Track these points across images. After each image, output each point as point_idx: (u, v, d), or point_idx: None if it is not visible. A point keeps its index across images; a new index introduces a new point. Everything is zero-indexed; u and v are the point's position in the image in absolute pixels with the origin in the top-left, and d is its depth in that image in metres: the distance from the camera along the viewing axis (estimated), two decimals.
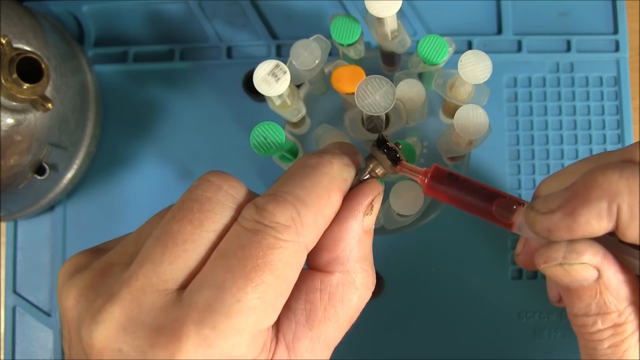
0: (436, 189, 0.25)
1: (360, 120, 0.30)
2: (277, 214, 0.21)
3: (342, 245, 0.23)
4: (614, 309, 0.23)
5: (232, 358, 0.20)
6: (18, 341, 0.42)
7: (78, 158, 0.41)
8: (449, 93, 0.31)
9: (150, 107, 0.43)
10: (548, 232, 0.23)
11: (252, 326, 0.20)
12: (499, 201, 0.24)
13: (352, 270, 0.23)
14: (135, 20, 0.44)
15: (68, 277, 0.23)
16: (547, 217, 0.22)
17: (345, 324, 0.23)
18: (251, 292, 0.20)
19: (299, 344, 0.22)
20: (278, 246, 0.21)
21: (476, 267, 0.41)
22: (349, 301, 0.23)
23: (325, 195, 0.22)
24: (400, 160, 0.24)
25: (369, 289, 0.23)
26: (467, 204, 0.25)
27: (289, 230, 0.21)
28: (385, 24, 0.31)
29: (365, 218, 0.23)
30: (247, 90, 0.42)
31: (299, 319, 0.23)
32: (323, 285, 0.23)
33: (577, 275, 0.23)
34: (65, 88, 0.38)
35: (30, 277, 0.43)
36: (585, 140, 0.41)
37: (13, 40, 0.34)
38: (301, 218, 0.21)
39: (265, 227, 0.21)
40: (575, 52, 0.42)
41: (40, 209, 0.42)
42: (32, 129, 0.35)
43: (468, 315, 0.40)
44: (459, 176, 0.25)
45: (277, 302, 0.21)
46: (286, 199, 0.21)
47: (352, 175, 0.24)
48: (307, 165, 0.23)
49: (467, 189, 0.24)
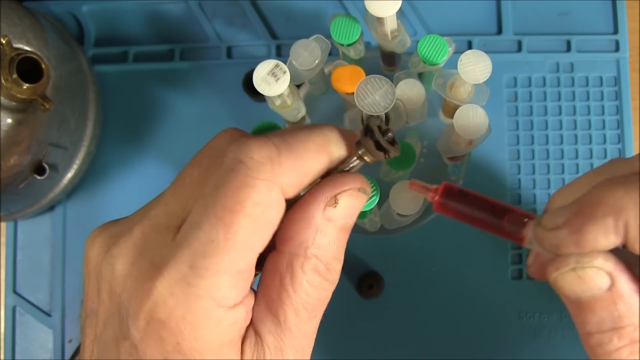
0: (447, 206, 0.25)
1: (360, 120, 0.30)
2: (255, 149, 0.21)
3: (296, 227, 0.22)
4: (628, 322, 0.22)
5: (213, 298, 0.20)
6: (18, 341, 0.42)
7: (78, 158, 0.41)
8: (449, 93, 0.31)
9: (150, 107, 0.43)
10: (556, 248, 0.22)
11: (229, 266, 0.20)
12: (510, 216, 0.24)
13: (301, 254, 0.22)
14: (135, 20, 0.44)
15: (94, 236, 0.24)
16: (554, 233, 0.22)
17: (301, 308, 0.22)
18: (222, 231, 0.20)
19: (261, 327, 0.22)
20: (249, 184, 0.20)
21: (476, 267, 0.41)
22: (299, 285, 0.22)
23: (314, 149, 0.22)
24: (388, 151, 0.23)
25: (325, 278, 0.23)
26: (478, 220, 0.24)
27: (263, 168, 0.21)
28: (385, 24, 0.31)
29: (329, 208, 0.22)
30: (247, 90, 0.42)
31: (260, 301, 0.23)
32: (273, 265, 0.23)
33: (589, 282, 0.22)
34: (65, 88, 0.38)
35: (30, 277, 0.43)
36: (585, 140, 0.41)
37: (13, 40, 0.34)
38: (280, 158, 0.21)
39: (240, 164, 0.21)
40: (575, 52, 0.42)
41: (40, 209, 0.42)
42: (32, 129, 0.35)
43: (468, 315, 0.40)
44: (469, 192, 0.25)
45: (252, 242, 0.21)
46: (269, 138, 0.21)
47: (342, 154, 0.23)
48: (310, 125, 0.23)
49: (477, 205, 0.24)
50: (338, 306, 0.41)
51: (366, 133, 0.23)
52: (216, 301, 0.21)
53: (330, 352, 0.40)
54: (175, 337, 0.21)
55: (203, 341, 0.21)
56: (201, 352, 0.21)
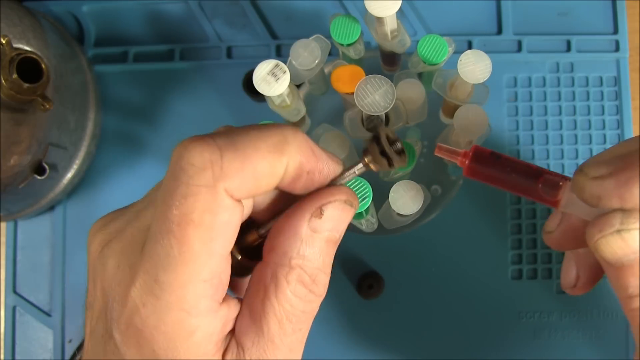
0: (479, 171, 0.24)
1: (360, 120, 0.30)
2: (195, 155, 0.20)
3: (281, 237, 0.22)
4: None
5: (183, 310, 0.20)
6: (18, 341, 0.42)
7: (78, 158, 0.41)
8: (449, 93, 0.31)
9: (150, 107, 0.43)
10: (597, 200, 0.22)
11: (192, 278, 0.20)
12: (544, 178, 0.23)
13: (285, 264, 0.21)
14: (135, 20, 0.44)
15: (95, 230, 0.24)
16: (598, 183, 0.21)
17: (284, 320, 0.22)
18: (176, 245, 0.20)
19: (244, 338, 0.22)
20: (190, 193, 0.20)
21: (476, 267, 0.41)
22: (283, 295, 0.21)
23: (265, 149, 0.21)
24: (392, 160, 0.23)
25: (310, 290, 0.22)
26: (512, 183, 0.23)
27: (203, 174, 0.20)
28: (385, 24, 0.31)
29: (314, 219, 0.22)
30: (247, 90, 0.42)
31: (245, 312, 0.22)
32: (259, 276, 0.22)
33: (633, 245, 0.22)
34: (65, 88, 0.38)
35: (30, 277, 0.43)
36: (585, 140, 0.41)
37: (13, 40, 0.34)
38: (223, 161, 0.20)
39: (181, 171, 0.20)
40: (575, 52, 0.42)
41: (40, 209, 0.42)
42: (32, 129, 0.35)
43: (468, 315, 0.40)
44: (502, 155, 0.24)
45: (210, 250, 0.20)
46: (213, 140, 0.20)
47: (301, 160, 0.22)
48: (268, 124, 0.22)
49: (511, 168, 0.23)
50: (338, 306, 0.41)
51: (374, 139, 0.23)
52: (186, 312, 0.20)
53: (330, 352, 0.40)
54: (151, 344, 0.21)
55: (177, 352, 0.21)
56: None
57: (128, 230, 0.22)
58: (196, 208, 0.20)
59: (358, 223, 0.30)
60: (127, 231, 0.22)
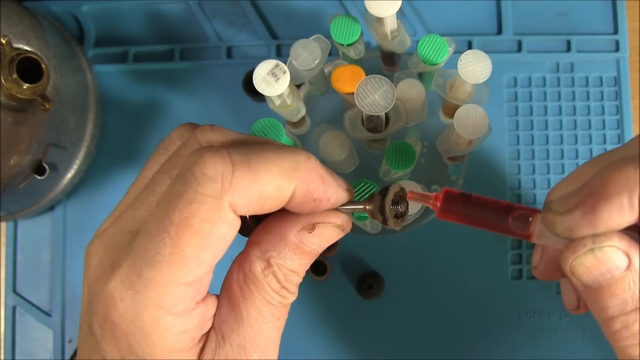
0: (450, 212, 0.24)
1: (360, 120, 0.30)
2: (209, 165, 0.20)
3: (268, 236, 0.23)
4: None
5: (161, 307, 0.21)
6: (18, 341, 0.42)
7: (78, 158, 0.41)
8: (448, 93, 0.31)
9: (150, 107, 0.43)
10: (570, 231, 0.22)
11: (175, 279, 0.21)
12: (515, 214, 0.24)
13: (265, 259, 0.23)
14: (135, 20, 0.44)
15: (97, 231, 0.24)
16: (567, 216, 0.22)
17: (263, 306, 0.23)
18: (169, 245, 0.20)
19: (224, 326, 0.23)
20: (197, 200, 0.20)
21: (476, 267, 0.41)
22: (261, 284, 0.23)
23: (275, 172, 0.21)
24: (387, 220, 0.24)
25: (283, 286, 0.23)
26: (483, 222, 0.24)
27: (212, 186, 0.20)
28: (385, 24, 0.31)
29: (304, 232, 0.23)
30: (247, 90, 0.42)
31: (223, 301, 0.23)
32: (239, 265, 0.23)
33: (608, 263, 0.22)
34: (65, 88, 0.38)
35: (30, 277, 0.43)
36: (585, 140, 0.41)
37: (13, 40, 0.34)
38: (233, 178, 0.21)
39: (193, 178, 0.21)
40: (575, 52, 0.42)
41: (40, 209, 0.42)
42: (32, 129, 0.35)
43: (468, 316, 0.40)
44: (472, 195, 0.24)
45: (200, 257, 0.21)
46: (228, 154, 0.21)
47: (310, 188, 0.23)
48: (287, 146, 0.23)
49: (481, 206, 0.24)
50: (338, 306, 0.41)
51: (381, 192, 0.24)
52: (164, 310, 0.21)
53: (330, 352, 0.40)
54: (128, 339, 0.21)
55: (153, 347, 0.21)
56: (152, 355, 0.21)
57: (110, 230, 0.23)
58: (198, 215, 0.20)
59: (363, 225, 0.30)
60: (109, 230, 0.23)
